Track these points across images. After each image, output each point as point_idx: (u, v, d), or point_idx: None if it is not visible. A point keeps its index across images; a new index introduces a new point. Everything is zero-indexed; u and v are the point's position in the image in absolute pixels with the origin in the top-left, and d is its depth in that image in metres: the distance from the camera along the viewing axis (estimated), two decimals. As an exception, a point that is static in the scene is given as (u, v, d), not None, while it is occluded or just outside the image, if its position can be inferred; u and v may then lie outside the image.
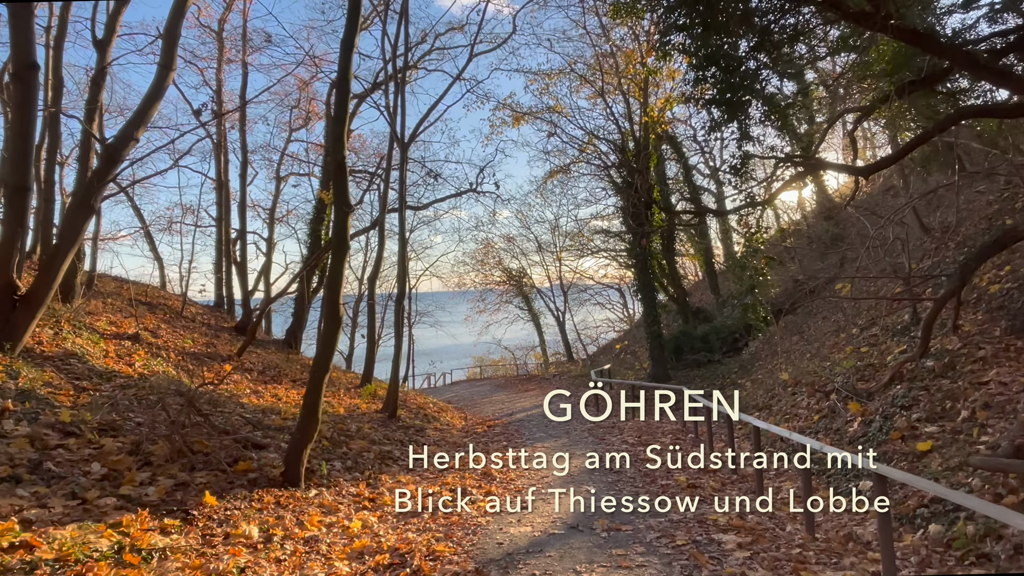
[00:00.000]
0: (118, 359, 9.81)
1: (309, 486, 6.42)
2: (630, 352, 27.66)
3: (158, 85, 8.85)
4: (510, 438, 11.16)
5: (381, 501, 6.37)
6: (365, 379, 16.05)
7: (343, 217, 6.62)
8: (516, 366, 38.53)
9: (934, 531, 5.01)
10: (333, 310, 6.65)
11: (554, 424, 12.85)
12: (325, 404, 12.44)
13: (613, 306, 40.37)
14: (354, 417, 11.31)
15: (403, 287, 12.73)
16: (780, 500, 6.79)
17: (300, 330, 18.21)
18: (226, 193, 19.65)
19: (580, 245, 34.93)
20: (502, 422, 14.00)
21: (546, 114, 21.55)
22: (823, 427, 8.61)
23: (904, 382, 7.87)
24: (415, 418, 12.55)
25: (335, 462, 7.51)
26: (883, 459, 6.75)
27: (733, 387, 17.50)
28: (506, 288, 39.75)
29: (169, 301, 16.79)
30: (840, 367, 9.78)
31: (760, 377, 17.07)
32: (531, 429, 12.49)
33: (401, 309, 12.57)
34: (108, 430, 6.31)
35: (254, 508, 5.51)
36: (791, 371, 12.90)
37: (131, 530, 4.58)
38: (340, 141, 6.61)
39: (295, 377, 14.35)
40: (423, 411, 14.04)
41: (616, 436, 11.21)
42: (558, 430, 12.03)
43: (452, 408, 19.01)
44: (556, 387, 24.20)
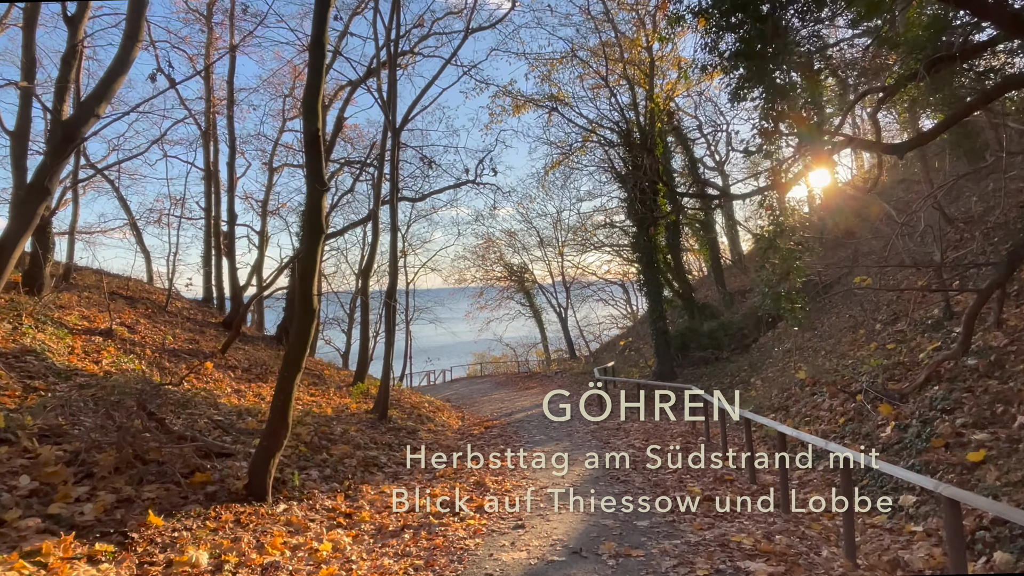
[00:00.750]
0: (84, 356, 9.09)
1: (277, 500, 5.69)
2: (634, 349, 26.90)
3: (123, 57, 8.10)
4: (508, 441, 10.42)
5: (359, 517, 5.63)
6: (358, 377, 15.32)
7: (317, 196, 5.88)
8: (517, 363, 37.79)
9: (1002, 560, 4.25)
10: (306, 303, 5.91)
11: (555, 425, 12.12)
12: (312, 404, 11.73)
13: (616, 302, 39.60)
14: (342, 418, 10.58)
15: (394, 281, 11.98)
16: (809, 516, 6.04)
17: (291, 325, 17.48)
18: (216, 183, 18.91)
19: (583, 239, 34.17)
20: (500, 423, 13.27)
21: (548, 102, 20.73)
22: (850, 431, 7.85)
23: (942, 382, 7.10)
24: (408, 419, 11.82)
25: (311, 470, 6.78)
26: (926, 470, 6.00)
27: (743, 386, 16.75)
28: (507, 284, 39.01)
29: (154, 295, 16.07)
30: (867, 365, 9.01)
31: (772, 375, 16.32)
32: (531, 431, 11.75)
33: (392, 304, 11.82)
34: (50, 436, 5.58)
35: (207, 528, 4.78)
36: (808, 369, 12.14)
37: (50, 559, 3.85)
38: (313, 111, 5.87)
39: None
40: (417, 411, 13.32)
41: (621, 439, 10.46)
42: (559, 432, 11.30)
43: (449, 407, 18.28)
44: (558, 386, 23.44)
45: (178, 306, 15.94)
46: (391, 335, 11.92)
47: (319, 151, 5.91)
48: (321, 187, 5.82)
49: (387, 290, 12.19)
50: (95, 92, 7.83)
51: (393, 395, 16.12)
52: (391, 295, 11.80)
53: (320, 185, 5.81)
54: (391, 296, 11.77)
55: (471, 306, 39.43)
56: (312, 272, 5.95)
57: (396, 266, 12.20)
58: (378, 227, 15.26)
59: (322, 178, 5.86)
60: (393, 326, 12.12)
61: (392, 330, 12.01)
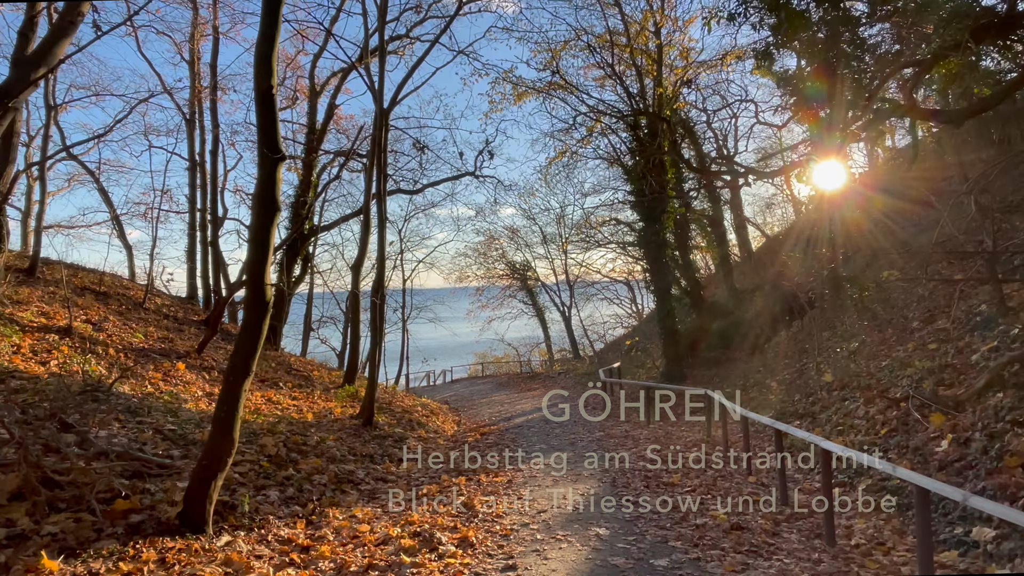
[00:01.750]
0: (31, 356, 8.16)
1: (220, 531, 4.72)
2: (640, 349, 25.87)
3: (67, 19, 7.17)
4: (504, 450, 9.44)
5: (317, 552, 4.66)
6: (347, 379, 14.38)
7: (270, 166, 4.91)
8: (520, 363, 36.79)
9: None
10: (257, 294, 4.95)
11: (556, 432, 11.15)
12: (292, 409, 10.78)
13: (621, 301, 38.54)
14: (322, 425, 9.63)
15: (381, 275, 10.98)
16: (859, 550, 5.04)
17: (280, 323, 16.56)
18: (202, 174, 18.00)
19: (587, 236, 33.12)
20: (498, 428, 12.30)
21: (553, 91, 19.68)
22: (894, 444, 6.84)
23: (1008, 389, 6.09)
24: (397, 425, 10.85)
25: (271, 491, 5.81)
26: (998, 495, 5.00)
27: (758, 388, 15.74)
28: (510, 283, 38.01)
29: (132, 291, 15.15)
30: (910, 368, 8.00)
31: (789, 377, 15.30)
32: (530, 438, 10.77)
33: (379, 302, 10.85)
34: (-51, 453, 4.64)
35: (119, 572, 3.82)
36: (833, 371, 11.12)
37: None
38: (267, 64, 4.90)
39: (265, 376, 12.71)
40: (408, 416, 12.35)
41: (629, 449, 9.46)
42: (561, 440, 10.34)
43: (445, 411, 17.31)
44: (561, 385, 22.45)
45: (157, 303, 15.02)
46: (377, 335, 10.94)
47: (272, 112, 4.94)
48: (274, 154, 4.85)
49: (374, 285, 11.22)
50: (31, 57, 6.89)
51: (385, 397, 15.16)
52: (377, 291, 10.82)
53: (273, 152, 4.84)
54: (377, 292, 10.80)
55: (472, 304, 38.45)
56: (264, 257, 4.99)
57: (384, 259, 11.24)
58: (369, 219, 14.32)
59: (276, 144, 4.89)
60: (381, 325, 11.16)
61: (380, 329, 11.05)
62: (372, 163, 13.76)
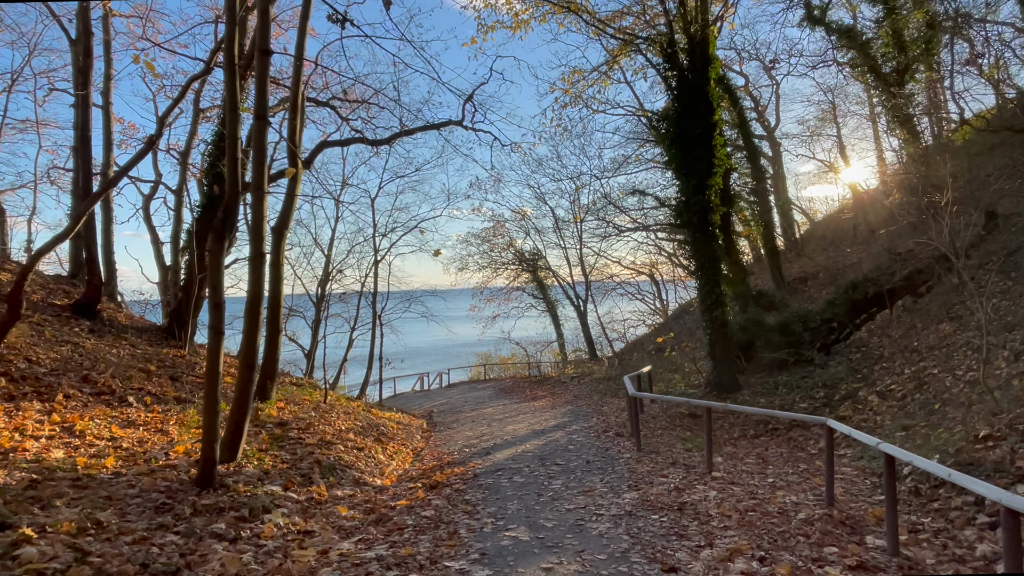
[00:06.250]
0: None
1: None
2: (674, 349, 21.10)
3: None
4: (453, 536, 4.88)
5: None
6: (261, 390, 9.98)
7: None
8: (528, 365, 32.13)
9: None
10: None
11: (555, 489, 6.56)
12: (107, 444, 6.39)
13: (643, 296, 33.69)
14: (118, 485, 5.19)
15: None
16: None
17: (189, 312, 12.22)
18: (105, 117, 13.73)
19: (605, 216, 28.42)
20: (465, 471, 7.74)
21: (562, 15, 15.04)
22: None
23: None
24: (276, 475, 6.33)
25: None
26: None
27: (851, 403, 11.02)
28: (518, 274, 33.43)
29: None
30: None
31: (894, 388, 10.61)
32: (505, 503, 6.13)
33: (259, 267, 6.37)
34: None
35: None
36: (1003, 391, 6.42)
37: None
38: None
39: (112, 387, 8.31)
40: (326, 450, 7.83)
41: (694, 543, 4.84)
42: (560, 513, 5.72)
43: (415, 429, 12.79)
44: (573, 395, 17.83)
45: (5, 279, 10.77)
46: (251, 333, 6.38)
47: None
48: None
49: (250, 252, 6.71)
50: None
51: (321, 409, 10.72)
52: (258, 255, 6.29)
53: None
54: (257, 256, 6.27)
55: (476, 299, 33.91)
56: None
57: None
58: (299, 165, 9.92)
59: None
60: (257, 319, 6.59)
61: (255, 327, 6.47)
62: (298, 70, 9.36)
